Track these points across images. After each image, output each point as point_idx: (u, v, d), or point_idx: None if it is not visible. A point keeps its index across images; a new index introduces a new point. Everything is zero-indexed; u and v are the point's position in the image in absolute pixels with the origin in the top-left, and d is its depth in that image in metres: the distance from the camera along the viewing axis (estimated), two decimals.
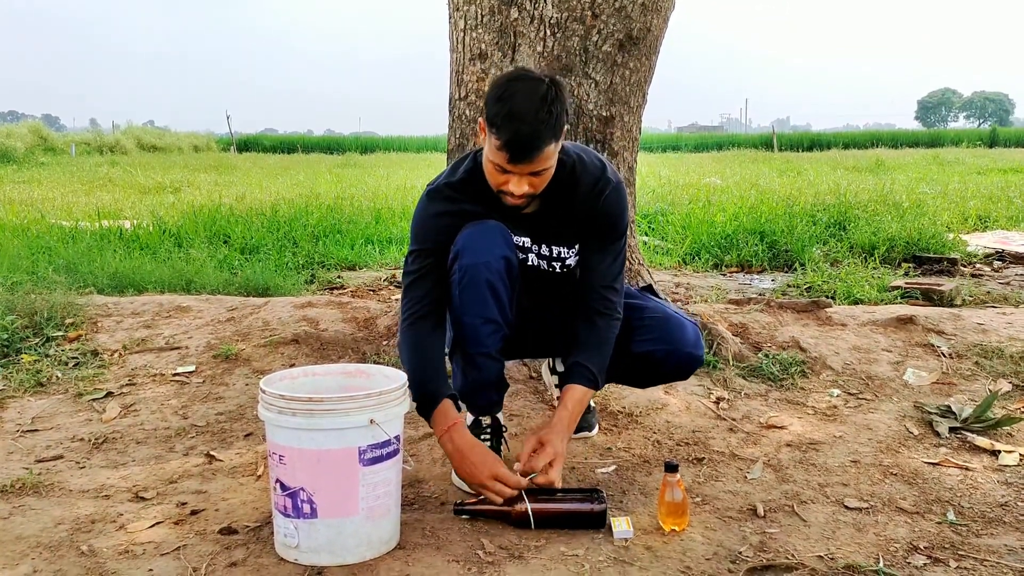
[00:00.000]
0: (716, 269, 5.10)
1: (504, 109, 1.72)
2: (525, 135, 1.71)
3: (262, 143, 31.41)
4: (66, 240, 5.10)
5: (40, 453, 2.23)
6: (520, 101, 1.72)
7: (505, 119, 1.72)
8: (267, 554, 1.66)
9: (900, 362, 2.91)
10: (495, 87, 1.79)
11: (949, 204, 7.50)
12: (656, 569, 1.62)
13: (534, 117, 1.71)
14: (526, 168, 1.77)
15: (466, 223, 1.91)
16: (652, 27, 2.67)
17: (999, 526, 1.81)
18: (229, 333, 3.06)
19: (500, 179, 1.83)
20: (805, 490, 2.00)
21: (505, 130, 1.72)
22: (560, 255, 2.03)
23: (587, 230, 2.00)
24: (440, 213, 1.93)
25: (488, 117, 1.77)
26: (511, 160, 1.75)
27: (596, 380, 1.95)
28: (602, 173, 1.97)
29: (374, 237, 5.79)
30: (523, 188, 1.81)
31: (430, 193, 1.97)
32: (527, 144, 1.72)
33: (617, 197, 1.97)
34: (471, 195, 1.93)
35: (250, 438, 2.35)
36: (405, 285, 1.95)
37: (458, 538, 1.73)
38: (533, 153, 1.74)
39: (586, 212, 1.97)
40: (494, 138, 1.75)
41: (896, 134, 34.06)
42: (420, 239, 1.95)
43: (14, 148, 17.84)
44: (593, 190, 1.95)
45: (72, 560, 1.64)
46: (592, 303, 1.98)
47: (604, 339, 1.97)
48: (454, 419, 1.84)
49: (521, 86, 1.75)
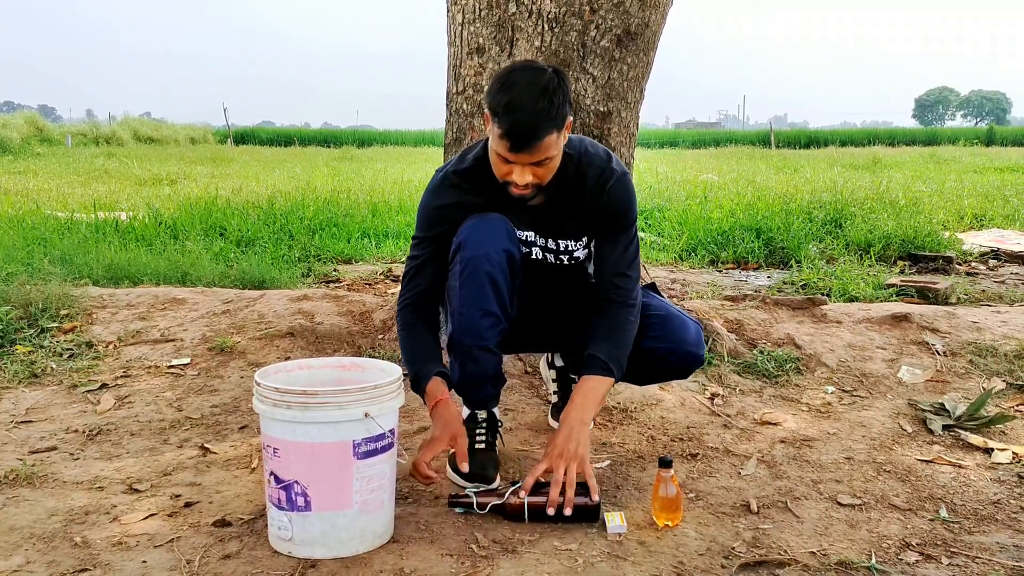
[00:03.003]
0: (712, 265, 5.10)
1: (504, 98, 1.74)
2: (524, 124, 1.72)
3: (259, 136, 31.36)
4: (62, 231, 5.08)
5: (34, 444, 2.23)
6: (521, 91, 1.73)
7: (505, 108, 1.73)
8: (261, 547, 1.66)
9: (895, 359, 2.92)
10: (497, 77, 1.80)
11: (945, 202, 7.51)
12: (649, 564, 1.62)
13: (534, 107, 1.72)
14: (527, 158, 1.78)
15: (471, 213, 1.92)
16: (650, 22, 2.67)
17: (991, 523, 1.82)
18: (224, 326, 3.05)
19: (504, 169, 1.83)
20: (798, 486, 2.01)
21: (505, 119, 1.73)
22: (568, 248, 2.03)
23: (596, 222, 2.00)
24: (446, 202, 1.95)
25: (490, 106, 1.79)
26: (512, 149, 1.76)
27: (609, 367, 1.90)
28: (607, 164, 1.97)
29: (371, 231, 5.78)
30: (526, 178, 1.81)
31: (438, 180, 1.99)
32: (527, 133, 1.73)
33: (623, 187, 1.97)
34: (478, 184, 1.94)
35: (245, 431, 2.35)
36: (406, 270, 1.98)
37: (452, 532, 1.73)
38: (533, 142, 1.74)
39: (593, 204, 1.97)
40: (496, 127, 1.77)
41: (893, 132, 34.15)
42: (424, 226, 1.98)
43: (10, 138, 17.79)
44: (598, 181, 1.95)
45: (65, 551, 1.64)
46: (605, 292, 1.98)
47: (617, 326, 1.95)
48: (440, 395, 1.86)
49: (522, 76, 1.77)
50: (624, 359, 1.94)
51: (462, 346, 1.91)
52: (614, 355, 1.92)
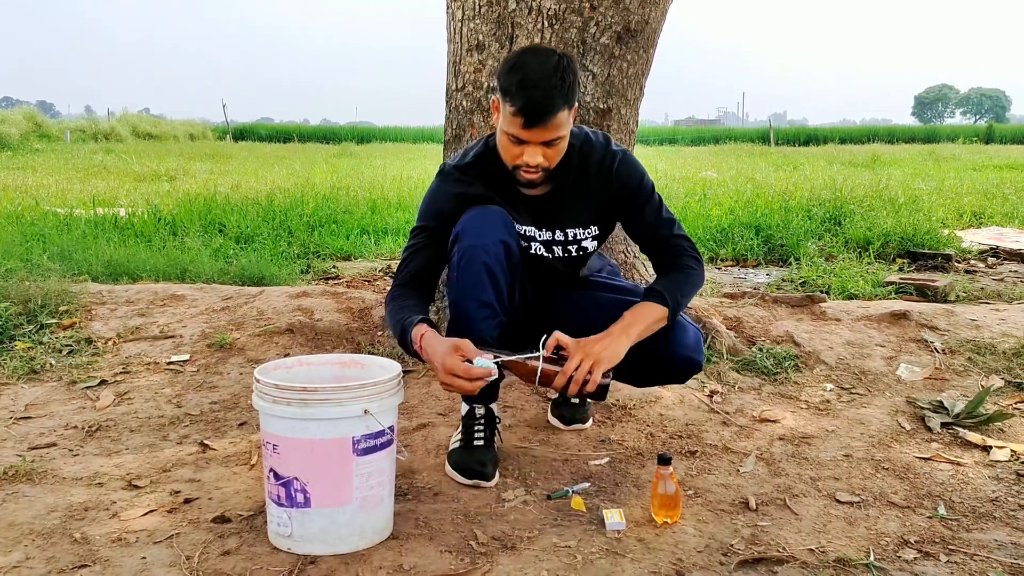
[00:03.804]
0: (711, 263, 5.10)
1: (517, 77, 1.77)
2: (539, 99, 1.76)
3: (258, 132, 31.31)
4: (61, 227, 5.08)
5: (33, 440, 2.23)
6: (533, 68, 1.77)
7: (519, 85, 1.76)
8: (260, 543, 1.67)
9: (893, 357, 2.92)
10: (507, 61, 1.84)
11: (944, 200, 7.50)
12: (648, 561, 1.62)
13: (547, 83, 1.76)
14: (540, 135, 1.80)
15: (472, 205, 1.92)
16: (650, 20, 2.66)
17: (989, 521, 1.82)
18: (224, 322, 3.05)
19: (515, 151, 1.85)
20: (797, 484, 2.01)
21: (519, 96, 1.76)
22: (576, 237, 2.03)
23: (613, 207, 2.01)
24: (448, 194, 1.96)
25: (502, 87, 1.81)
26: (526, 125, 1.78)
27: (664, 297, 1.87)
28: (607, 148, 2.00)
29: (370, 227, 5.78)
30: (537, 158, 1.83)
31: (441, 174, 2.00)
32: (541, 108, 1.76)
33: (628, 164, 1.99)
34: (480, 179, 1.96)
35: (244, 427, 2.35)
36: (403, 256, 1.98)
37: (451, 528, 1.74)
38: (546, 117, 1.77)
39: (603, 190, 1.99)
40: (508, 106, 1.79)
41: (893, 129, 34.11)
42: (425, 216, 1.98)
43: (8, 134, 17.75)
44: (602, 167, 1.98)
45: (65, 547, 1.64)
46: (665, 256, 1.99)
47: (680, 270, 1.95)
48: (423, 331, 1.77)
49: (534, 57, 1.81)
50: (681, 298, 1.91)
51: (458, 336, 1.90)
52: (671, 290, 1.90)
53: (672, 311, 1.88)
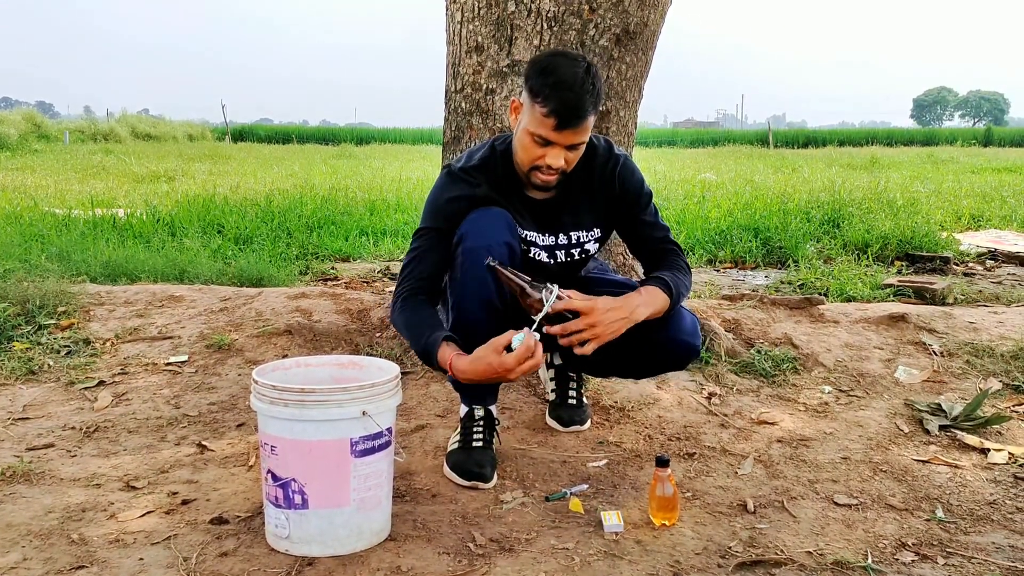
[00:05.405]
0: (710, 265, 5.11)
1: (551, 79, 1.79)
2: (572, 102, 1.78)
3: (257, 133, 31.31)
4: (59, 228, 5.07)
5: (31, 441, 2.23)
6: (565, 72, 1.80)
7: (553, 87, 1.78)
8: (258, 544, 1.66)
9: (891, 360, 2.92)
10: (536, 62, 1.86)
11: (943, 203, 7.51)
12: (646, 563, 1.62)
13: (580, 87, 1.79)
14: (569, 137, 1.83)
15: (477, 207, 1.93)
16: (649, 22, 2.67)
17: (987, 524, 1.83)
18: (222, 323, 3.05)
19: (537, 153, 1.86)
20: (795, 486, 2.01)
21: (553, 98, 1.78)
22: (579, 240, 2.06)
23: (614, 209, 2.05)
24: (452, 196, 1.95)
25: (533, 88, 1.82)
26: (558, 126, 1.80)
27: (668, 285, 1.91)
28: (609, 152, 2.04)
29: (369, 229, 5.78)
30: (560, 161, 1.85)
31: (447, 175, 2.00)
32: (574, 110, 1.79)
33: (629, 169, 2.05)
34: (485, 181, 1.96)
35: (242, 428, 2.34)
36: (406, 260, 1.96)
37: (449, 530, 1.74)
38: (578, 120, 1.80)
39: (606, 193, 2.03)
40: (539, 107, 1.80)
41: (891, 132, 34.14)
42: (428, 218, 1.98)
43: (7, 135, 17.73)
44: (606, 169, 2.02)
45: (63, 548, 1.64)
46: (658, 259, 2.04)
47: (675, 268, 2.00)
48: (451, 355, 1.77)
49: (563, 60, 1.84)
50: (681, 289, 1.96)
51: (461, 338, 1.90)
52: (674, 281, 1.94)
53: (673, 301, 1.93)
